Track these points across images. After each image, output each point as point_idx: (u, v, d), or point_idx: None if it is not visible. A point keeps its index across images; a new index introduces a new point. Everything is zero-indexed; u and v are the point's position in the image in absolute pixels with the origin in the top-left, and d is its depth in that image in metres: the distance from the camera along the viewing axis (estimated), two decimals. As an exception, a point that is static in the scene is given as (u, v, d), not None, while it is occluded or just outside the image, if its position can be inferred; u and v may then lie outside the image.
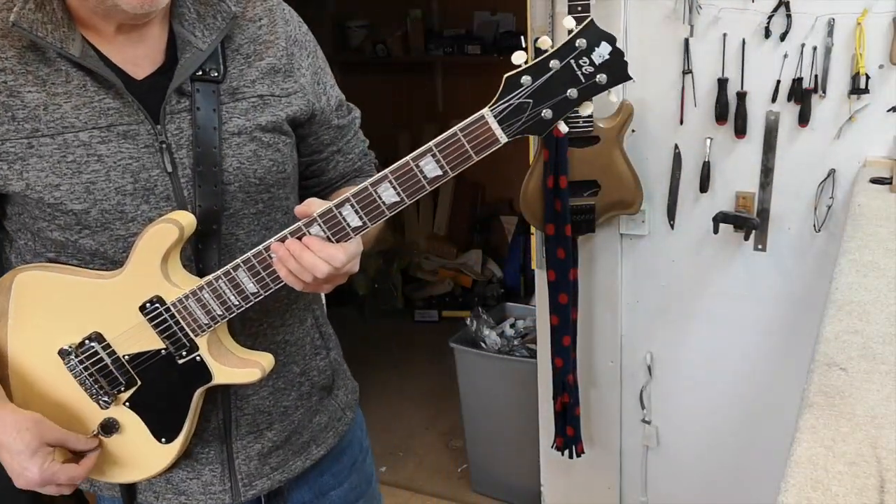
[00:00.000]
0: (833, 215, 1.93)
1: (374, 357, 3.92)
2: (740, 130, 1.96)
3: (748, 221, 1.97)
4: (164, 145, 1.04)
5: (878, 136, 1.85)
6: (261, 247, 1.03)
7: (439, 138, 0.97)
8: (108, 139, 1.02)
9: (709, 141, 2.01)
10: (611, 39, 0.93)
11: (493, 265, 4.51)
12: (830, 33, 1.82)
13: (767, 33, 1.87)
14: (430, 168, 0.97)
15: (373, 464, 1.44)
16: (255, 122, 1.10)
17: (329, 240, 1.02)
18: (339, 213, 1.01)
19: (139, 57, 1.06)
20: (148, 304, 1.06)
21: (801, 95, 1.87)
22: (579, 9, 1.88)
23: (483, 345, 2.80)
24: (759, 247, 2.04)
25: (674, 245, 2.15)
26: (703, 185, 2.04)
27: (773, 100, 1.91)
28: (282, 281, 1.04)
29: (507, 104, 0.94)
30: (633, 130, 2.06)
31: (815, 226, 1.97)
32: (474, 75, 4.47)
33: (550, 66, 0.93)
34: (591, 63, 0.93)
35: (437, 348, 3.88)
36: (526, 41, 2.15)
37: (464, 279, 4.47)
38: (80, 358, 1.09)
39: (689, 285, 2.16)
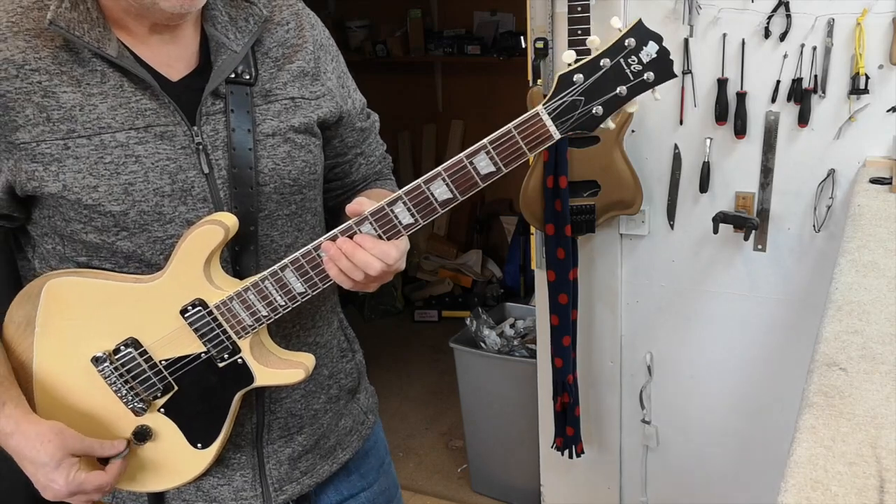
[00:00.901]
0: (833, 215, 1.93)
1: (374, 357, 3.91)
2: (740, 130, 1.96)
3: (748, 221, 1.97)
4: (200, 147, 1.04)
5: (878, 136, 1.85)
6: (309, 246, 1.03)
7: (493, 135, 0.97)
8: (145, 140, 1.01)
9: (709, 141, 2.01)
10: (658, 38, 0.96)
11: (493, 265, 4.51)
12: (830, 33, 1.82)
13: (767, 33, 1.87)
14: (484, 165, 0.98)
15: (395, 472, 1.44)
16: (289, 124, 1.10)
17: (380, 238, 1.02)
18: (392, 210, 1.01)
19: (173, 58, 1.06)
20: (190, 307, 1.04)
21: (801, 95, 1.87)
22: (579, 9, 1.89)
23: (483, 345, 2.80)
24: (759, 247, 2.04)
25: (674, 245, 2.15)
26: (703, 186, 2.04)
27: (773, 100, 1.91)
28: (329, 280, 1.04)
29: (560, 101, 0.96)
30: (632, 130, 2.06)
31: (814, 226, 1.97)
32: (474, 75, 4.48)
33: (601, 64, 0.96)
34: (640, 62, 0.95)
35: (437, 348, 3.89)
36: (526, 41, 2.16)
37: (464, 279, 4.47)
38: (114, 364, 1.07)
39: (689, 285, 2.16)
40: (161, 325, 1.06)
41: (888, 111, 1.82)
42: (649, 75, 0.96)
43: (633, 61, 0.95)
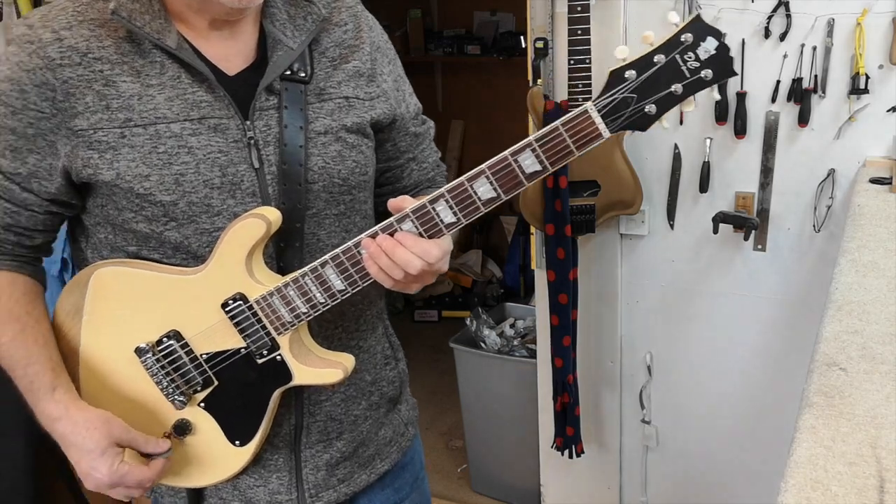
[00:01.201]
0: (833, 215, 1.93)
1: (374, 357, 3.91)
2: (740, 130, 1.96)
3: (748, 221, 1.97)
4: (251, 141, 1.04)
5: (878, 136, 1.85)
6: (350, 243, 1.01)
7: (539, 133, 0.94)
8: (198, 132, 1.02)
9: (708, 141, 2.01)
10: (717, 34, 0.91)
11: (493, 265, 4.51)
12: (830, 33, 1.82)
13: (767, 33, 1.87)
14: (529, 163, 0.95)
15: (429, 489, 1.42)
16: (341, 123, 1.10)
17: (421, 236, 1.00)
18: (433, 208, 0.99)
19: (231, 53, 1.07)
20: (230, 301, 1.04)
21: (801, 95, 1.87)
22: (579, 9, 1.89)
23: (483, 345, 2.80)
24: (759, 247, 2.04)
25: (673, 245, 2.15)
26: (703, 185, 2.04)
27: (773, 100, 1.91)
28: (370, 278, 1.02)
29: (611, 98, 0.92)
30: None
31: (814, 226, 1.97)
32: (474, 75, 4.48)
33: (655, 60, 0.91)
34: (697, 58, 0.91)
35: (437, 348, 3.88)
36: (526, 41, 2.16)
37: (464, 279, 4.48)
38: (157, 356, 1.08)
39: (689, 285, 2.16)
40: (203, 318, 1.06)
41: (888, 111, 1.82)
42: (707, 73, 0.91)
43: (690, 58, 0.91)
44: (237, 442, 1.11)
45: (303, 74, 1.08)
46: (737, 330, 2.14)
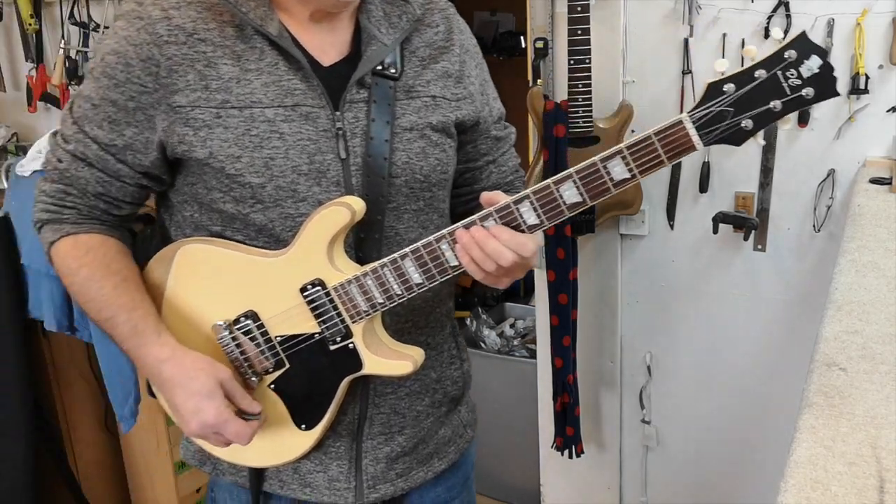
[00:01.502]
0: (833, 215, 1.93)
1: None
2: (740, 130, 1.96)
3: (748, 221, 1.97)
4: (340, 132, 1.07)
5: (878, 136, 1.85)
6: (431, 238, 1.03)
7: (631, 141, 0.94)
8: (290, 118, 1.05)
9: (708, 141, 2.01)
10: (822, 53, 0.89)
11: (493, 265, 4.50)
12: (830, 33, 1.82)
13: (767, 33, 1.87)
14: (619, 171, 0.95)
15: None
16: (427, 121, 1.13)
17: None
18: (517, 209, 0.99)
19: (327, 44, 1.10)
20: (309, 286, 1.06)
21: (801, 95, 1.87)
22: (579, 9, 1.89)
23: (483, 345, 2.81)
24: (759, 247, 2.04)
25: (673, 245, 2.15)
26: (703, 186, 2.04)
27: (773, 100, 1.91)
28: (448, 274, 1.04)
29: (707, 111, 0.92)
30: (632, 130, 2.06)
31: (814, 226, 1.97)
32: (474, 75, 4.48)
33: (756, 75, 0.91)
34: (799, 76, 0.89)
35: (436, 348, 3.88)
36: (526, 41, 2.16)
37: (463, 279, 4.46)
38: (233, 334, 1.10)
39: (689, 285, 2.16)
40: (280, 301, 1.08)
41: (888, 111, 1.82)
42: (808, 91, 0.89)
43: (792, 75, 0.89)
44: (303, 426, 1.14)
45: (393, 71, 1.11)
46: (737, 330, 2.14)
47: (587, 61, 1.91)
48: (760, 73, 0.91)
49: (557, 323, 2.16)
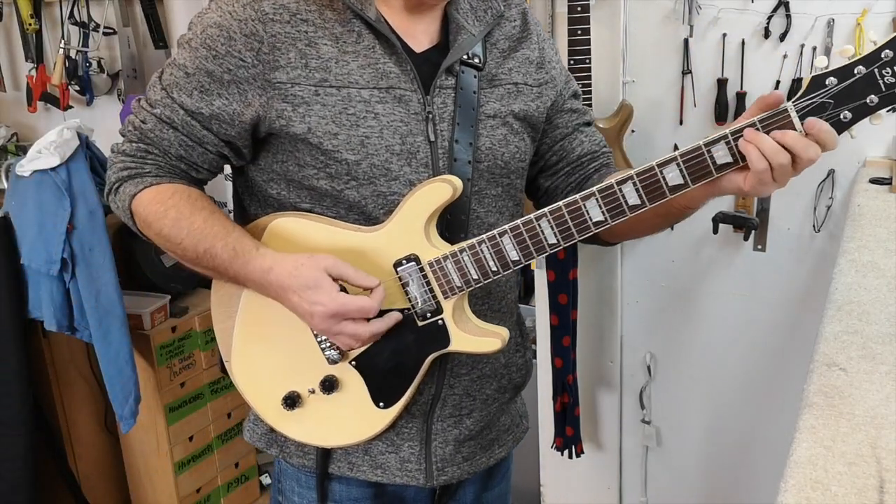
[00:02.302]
0: (832, 215, 1.93)
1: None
2: (740, 130, 1.96)
3: (748, 221, 1.97)
4: (430, 115, 1.11)
5: (878, 136, 1.84)
6: (531, 216, 1.05)
7: (735, 126, 0.98)
8: (384, 100, 1.09)
9: (708, 141, 2.01)
10: None
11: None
12: (830, 33, 1.82)
13: (767, 33, 1.87)
14: (721, 154, 0.98)
15: None
16: (509, 108, 1.18)
17: (642, 200, 1.01)
18: (660, 171, 1.01)
19: (419, 32, 1.15)
20: (404, 261, 1.09)
21: (801, 95, 1.87)
22: (579, 9, 1.88)
23: (483, 345, 2.80)
24: (759, 247, 2.04)
25: (673, 245, 2.15)
26: (703, 186, 2.04)
27: (773, 100, 1.91)
28: (544, 251, 1.06)
29: (810, 101, 0.97)
30: (632, 130, 2.06)
31: (814, 226, 1.97)
32: (474, 75, 4.47)
33: (856, 71, 0.96)
34: (894, 74, 0.95)
35: (436, 348, 3.87)
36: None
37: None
38: None
39: (689, 285, 2.16)
40: (373, 275, 1.08)
41: (888, 111, 1.82)
42: None
43: (888, 73, 0.96)
44: (381, 404, 1.14)
45: (478, 61, 1.16)
46: (737, 330, 2.14)
47: (587, 61, 1.91)
48: (860, 69, 0.96)
49: (557, 323, 2.16)
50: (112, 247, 2.18)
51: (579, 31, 1.89)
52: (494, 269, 1.08)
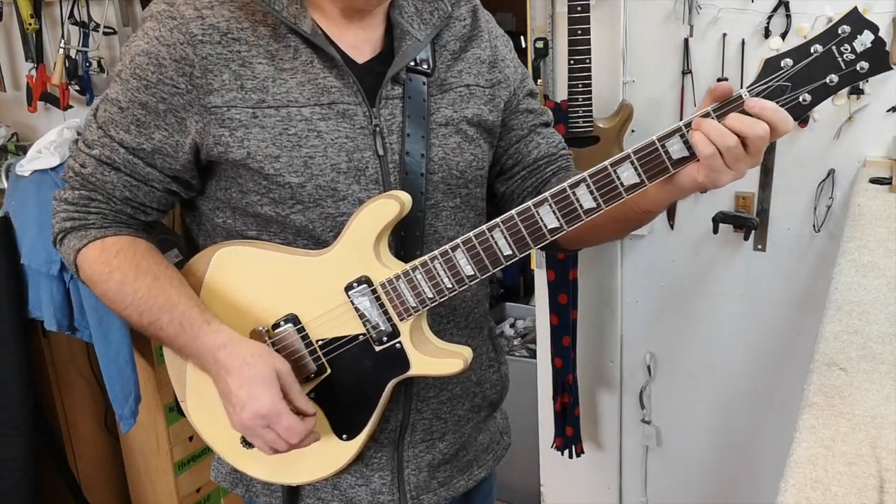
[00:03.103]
0: (832, 215, 1.93)
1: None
2: (740, 130, 1.96)
3: (748, 221, 1.97)
4: (377, 129, 1.06)
5: (878, 136, 1.85)
6: (483, 227, 1.00)
7: (688, 119, 0.93)
8: (327, 116, 1.03)
9: (708, 141, 2.01)
10: (874, 28, 0.90)
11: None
12: (830, 33, 1.82)
13: (767, 33, 1.87)
14: (677, 149, 0.93)
15: None
16: (462, 114, 1.12)
17: (597, 203, 0.95)
18: (614, 171, 0.95)
19: (360, 41, 1.08)
20: (355, 284, 1.03)
21: (801, 95, 1.87)
22: (579, 9, 1.88)
23: (483, 345, 2.80)
24: (759, 247, 2.04)
25: (674, 245, 2.15)
26: (703, 185, 2.04)
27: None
28: (500, 264, 1.00)
29: (765, 86, 0.91)
30: (632, 130, 2.06)
31: (814, 226, 1.97)
32: (474, 75, 4.47)
33: (812, 50, 0.90)
34: (853, 51, 0.90)
35: (436, 348, 3.87)
36: (526, 41, 2.15)
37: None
38: (272, 340, 1.06)
39: (689, 285, 2.16)
40: (323, 302, 1.05)
41: (888, 111, 1.82)
42: (862, 65, 0.90)
43: (846, 50, 0.90)
44: (344, 436, 1.09)
45: (426, 67, 1.10)
46: (737, 330, 2.14)
47: (587, 61, 1.91)
48: (816, 48, 0.90)
49: (557, 323, 2.16)
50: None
51: (579, 31, 1.89)
52: (449, 285, 1.02)
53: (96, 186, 1.06)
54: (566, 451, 2.28)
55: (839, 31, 0.90)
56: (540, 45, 2.07)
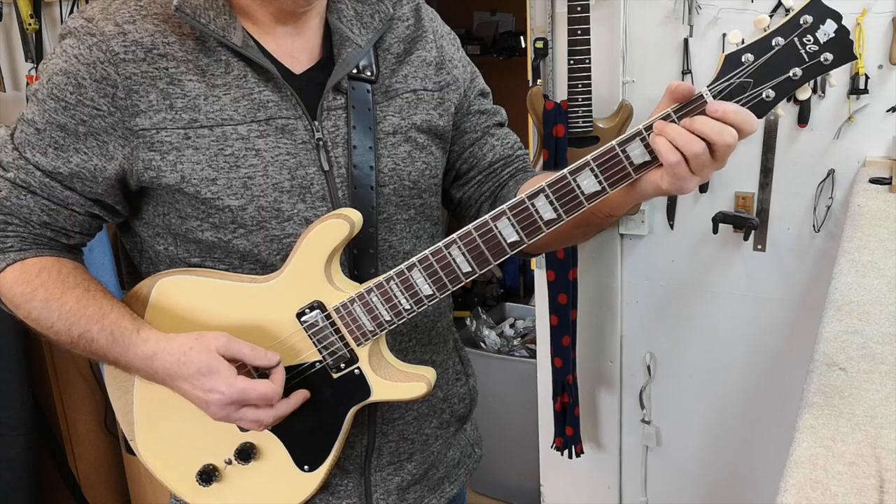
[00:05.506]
0: (832, 215, 1.93)
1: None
2: (740, 130, 1.96)
3: (747, 221, 1.97)
4: (320, 142, 1.00)
5: (878, 136, 1.85)
6: (440, 244, 0.94)
7: (648, 121, 0.89)
8: (266, 133, 0.97)
9: (708, 141, 2.01)
10: (836, 17, 0.85)
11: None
12: (830, 33, 1.82)
13: (767, 33, 1.87)
14: (638, 153, 0.89)
15: None
16: (410, 121, 1.06)
17: (558, 213, 0.90)
18: (574, 180, 0.90)
19: (297, 50, 1.02)
20: (307, 310, 0.98)
21: (801, 95, 1.87)
22: (579, 9, 1.89)
23: (483, 345, 2.81)
24: (759, 247, 2.04)
25: (673, 245, 2.15)
26: (703, 186, 2.04)
27: (773, 100, 1.91)
28: (459, 282, 0.95)
29: (727, 83, 0.87)
30: (632, 130, 2.06)
31: (814, 226, 1.97)
32: (474, 75, 4.47)
33: (773, 43, 0.86)
34: (816, 41, 0.85)
35: (436, 348, 3.87)
36: (526, 41, 2.16)
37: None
38: None
39: (689, 285, 2.16)
40: (275, 330, 0.99)
41: (888, 111, 1.82)
42: (826, 57, 0.85)
43: (809, 41, 0.85)
44: (306, 467, 1.04)
45: (369, 73, 1.04)
46: (737, 330, 2.14)
47: (587, 61, 1.91)
48: (778, 41, 0.86)
49: (557, 323, 2.16)
50: (112, 247, 2.18)
51: (579, 31, 1.90)
52: (407, 307, 0.96)
53: (12, 211, 0.99)
54: (566, 451, 2.28)
55: (801, 22, 0.85)
56: (540, 45, 2.07)
